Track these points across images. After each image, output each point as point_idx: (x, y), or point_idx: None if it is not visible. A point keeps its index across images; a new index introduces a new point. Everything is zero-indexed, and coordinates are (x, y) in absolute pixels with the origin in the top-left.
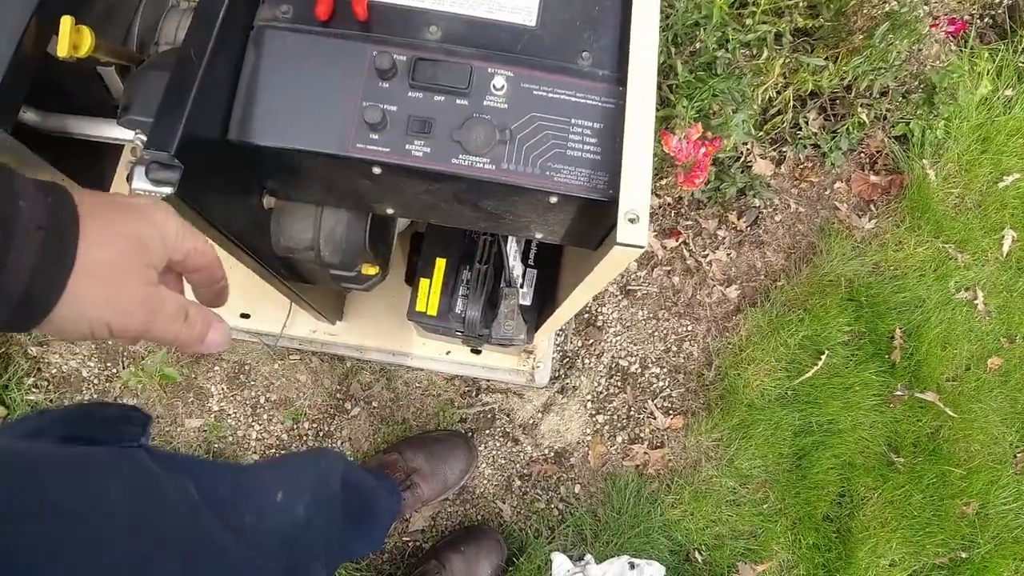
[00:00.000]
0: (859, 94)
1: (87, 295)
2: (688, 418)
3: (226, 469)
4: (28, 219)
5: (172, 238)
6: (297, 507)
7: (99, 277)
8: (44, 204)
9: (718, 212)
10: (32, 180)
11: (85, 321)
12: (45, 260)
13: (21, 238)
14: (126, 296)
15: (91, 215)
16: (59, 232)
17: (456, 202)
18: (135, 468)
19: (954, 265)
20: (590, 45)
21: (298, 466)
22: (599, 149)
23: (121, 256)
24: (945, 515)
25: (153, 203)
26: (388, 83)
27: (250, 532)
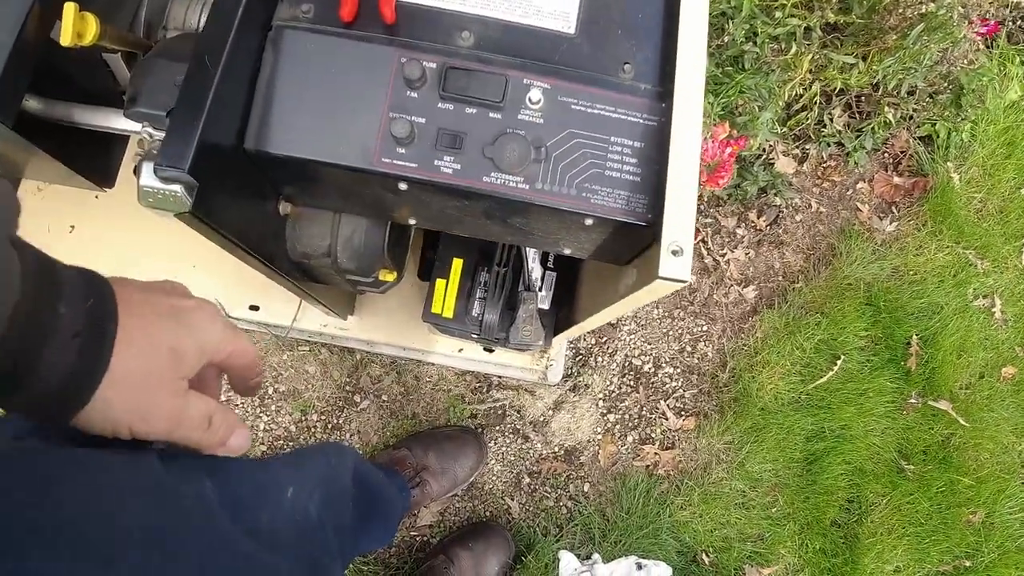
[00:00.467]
0: (886, 92)
1: (115, 402)
2: (700, 420)
3: (247, 467)
4: (66, 326)
5: (213, 344)
6: (308, 505)
7: (129, 387)
8: (83, 308)
9: (738, 210)
10: (73, 274)
11: (109, 424)
12: (78, 368)
13: (57, 347)
14: (153, 407)
15: (130, 316)
16: (96, 338)
17: (485, 217)
18: (150, 476)
19: (973, 272)
20: (632, 56)
21: (309, 462)
22: (639, 170)
23: (154, 368)
24: (951, 523)
25: (198, 306)
26: (416, 92)
27: (267, 533)
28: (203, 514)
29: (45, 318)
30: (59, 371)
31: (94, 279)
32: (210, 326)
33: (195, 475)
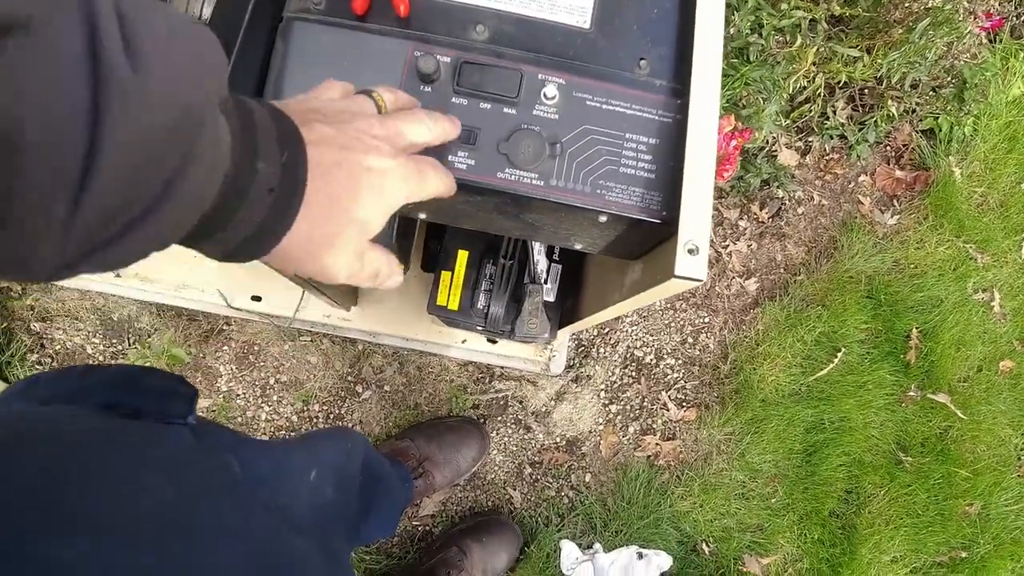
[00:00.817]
0: (890, 86)
1: (296, 255)
2: (701, 411)
3: (268, 447)
4: (263, 181)
5: (400, 203)
6: (326, 487)
7: (311, 243)
8: (278, 163)
9: (741, 202)
10: (269, 123)
11: (291, 270)
12: (266, 221)
13: (253, 201)
14: (331, 265)
15: (321, 177)
16: (287, 197)
17: (496, 213)
18: (180, 452)
19: (973, 266)
20: (648, 52)
21: (324, 446)
22: (654, 167)
23: (337, 232)
24: (948, 515)
25: (395, 167)
26: (430, 87)
27: (286, 511)
28: (232, 493)
29: (245, 178)
30: (250, 224)
31: (287, 127)
32: (399, 188)
33: (223, 451)
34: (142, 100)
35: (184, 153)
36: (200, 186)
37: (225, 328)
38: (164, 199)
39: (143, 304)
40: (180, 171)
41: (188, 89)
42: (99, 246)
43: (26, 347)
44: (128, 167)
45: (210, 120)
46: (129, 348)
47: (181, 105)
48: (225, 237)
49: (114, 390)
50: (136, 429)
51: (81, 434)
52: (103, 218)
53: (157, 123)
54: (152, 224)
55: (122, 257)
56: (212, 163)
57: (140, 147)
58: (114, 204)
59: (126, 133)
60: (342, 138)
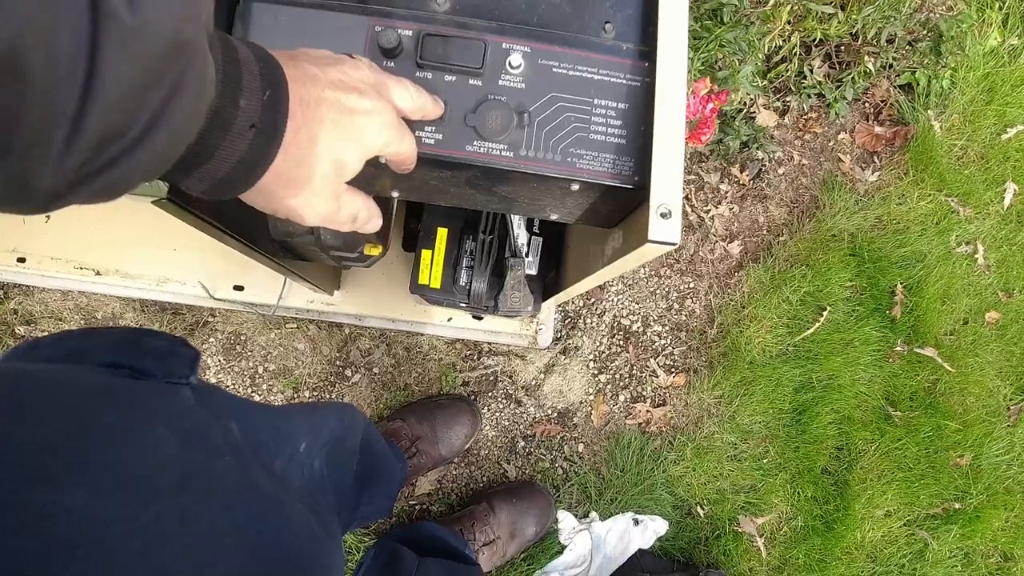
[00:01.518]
0: (866, 42)
1: (275, 193)
2: (690, 376)
3: (267, 412)
4: (244, 116)
5: (377, 150)
6: (315, 461)
7: (289, 183)
8: (260, 100)
9: (721, 165)
10: (252, 61)
11: (269, 209)
12: (246, 157)
13: (235, 135)
14: (308, 206)
15: (302, 114)
16: (268, 134)
17: (468, 187)
18: (183, 411)
19: (956, 219)
20: (613, 15)
21: (323, 418)
22: (624, 132)
23: (315, 173)
24: (940, 467)
25: (372, 109)
26: (393, 62)
27: (280, 479)
28: (232, 453)
29: (228, 112)
30: (231, 158)
31: (271, 65)
32: (379, 133)
33: (224, 414)
34: (137, 34)
35: (173, 84)
36: (187, 116)
37: (210, 320)
38: (154, 127)
39: (126, 301)
40: (169, 101)
41: (179, 21)
42: (92, 173)
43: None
44: (122, 96)
45: (200, 52)
46: None
47: (172, 37)
48: (208, 171)
49: (117, 351)
50: (140, 387)
51: (85, 388)
52: (98, 144)
53: (150, 54)
54: (142, 151)
55: (111, 185)
56: (198, 95)
57: (133, 78)
58: (108, 131)
59: (121, 65)
60: (326, 77)
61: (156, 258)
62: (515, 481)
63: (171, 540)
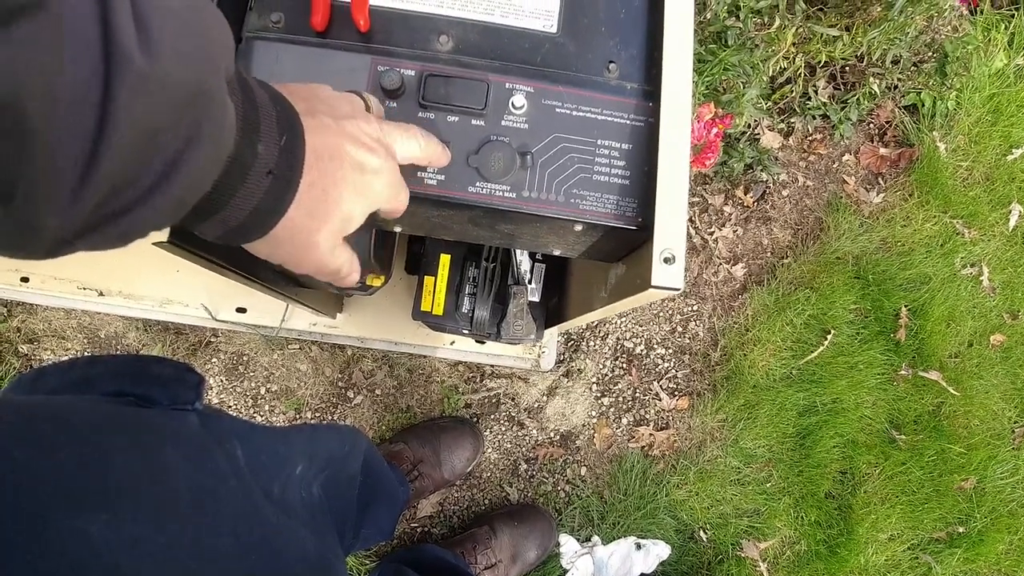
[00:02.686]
0: (871, 63)
1: (282, 242)
2: (693, 399)
3: (268, 435)
4: (262, 163)
5: (379, 206)
6: (313, 484)
7: (296, 233)
8: (277, 145)
9: (725, 187)
10: (269, 105)
11: (272, 257)
12: (263, 203)
13: (252, 182)
14: (307, 257)
15: (317, 166)
16: (284, 180)
17: (471, 224)
18: (189, 436)
19: (961, 241)
20: (617, 55)
21: (323, 441)
22: (627, 173)
23: (322, 225)
24: (944, 490)
25: (382, 168)
26: (395, 102)
27: (279, 502)
28: (236, 477)
29: (246, 159)
30: (247, 206)
31: (286, 109)
32: (383, 190)
33: (228, 438)
34: (152, 81)
35: (190, 133)
36: (204, 166)
37: (213, 340)
38: (169, 177)
39: (129, 320)
40: (185, 151)
41: (198, 69)
42: (100, 222)
43: (15, 369)
44: (136, 146)
45: (218, 101)
46: None
47: (190, 86)
48: (223, 217)
49: (122, 379)
50: (147, 414)
51: (95, 417)
52: (108, 195)
53: (166, 103)
54: (155, 202)
55: (121, 234)
56: (217, 143)
57: (148, 126)
58: (120, 182)
59: (135, 113)
60: (340, 131)
61: (159, 279)
62: (517, 504)
63: (183, 565)
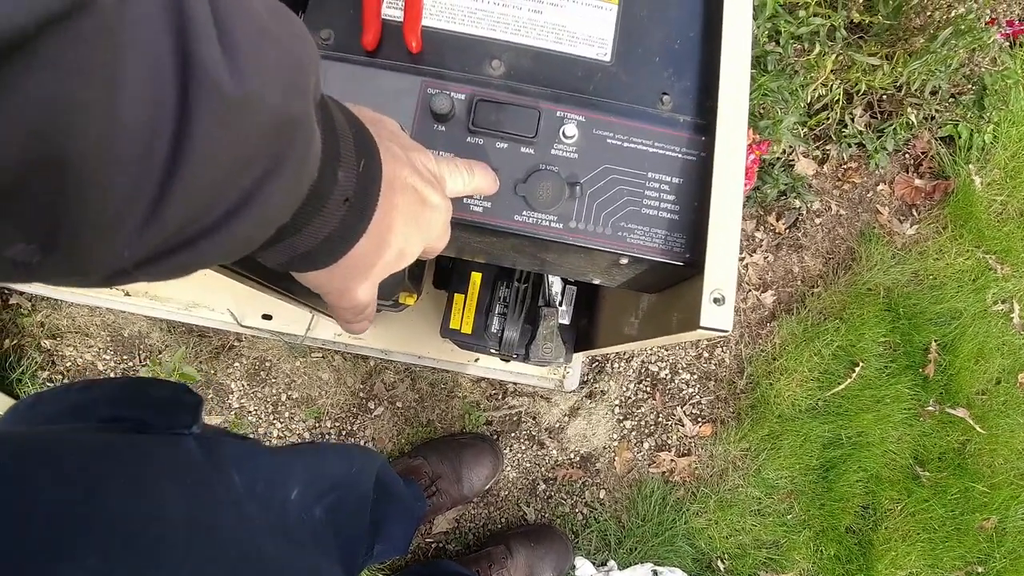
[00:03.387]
0: (909, 93)
1: (339, 275)
2: (717, 426)
3: (267, 459)
4: (340, 190)
5: (432, 242)
6: (315, 508)
7: (355, 266)
8: (356, 171)
9: (757, 213)
10: (347, 129)
11: (320, 289)
12: (336, 232)
13: (329, 210)
14: (356, 292)
15: (388, 197)
16: (360, 208)
17: (513, 252)
18: (187, 464)
19: (993, 276)
20: (671, 86)
21: (328, 463)
22: (677, 207)
23: (379, 261)
24: (965, 529)
25: (440, 206)
26: (444, 126)
27: (274, 530)
28: (235, 508)
29: (326, 186)
30: (319, 234)
31: (362, 132)
32: (438, 229)
33: (226, 464)
34: (240, 109)
35: (271, 164)
36: (283, 198)
37: (236, 344)
38: (242, 209)
39: (153, 321)
40: (264, 181)
41: (287, 93)
42: (163, 254)
43: (37, 364)
44: (212, 178)
45: (306, 128)
46: (140, 365)
47: (279, 113)
48: (292, 245)
49: (118, 404)
50: (143, 441)
51: (88, 449)
52: (176, 228)
53: (252, 132)
54: (225, 235)
55: (182, 267)
56: (298, 174)
57: (229, 160)
58: (190, 214)
59: (217, 147)
60: (408, 162)
61: (186, 282)
62: (534, 524)
63: None
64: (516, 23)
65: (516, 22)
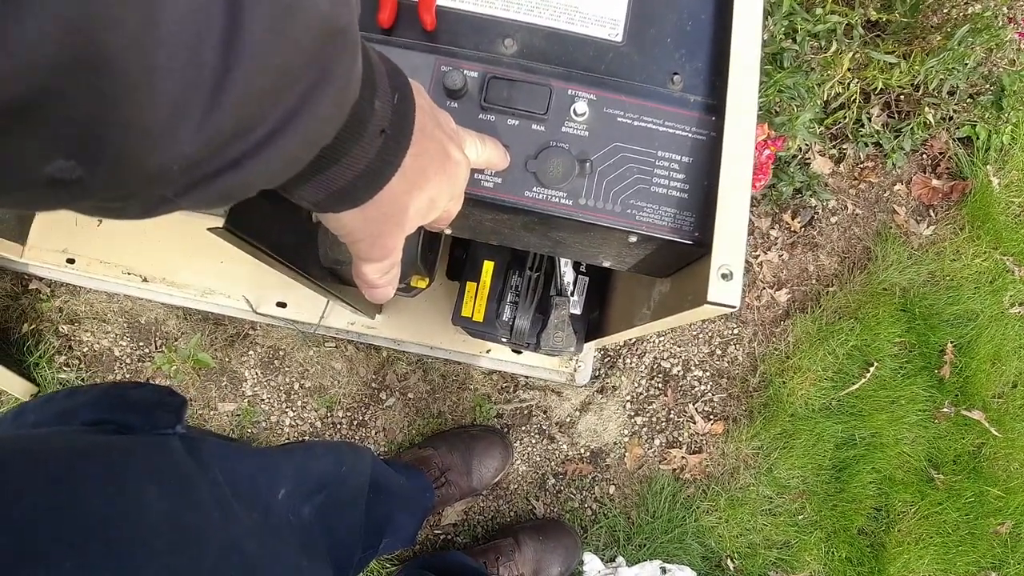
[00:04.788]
0: (927, 93)
1: (376, 213)
2: (729, 424)
3: (253, 459)
4: (377, 120)
5: (454, 203)
6: (303, 507)
7: (391, 205)
8: (391, 103)
9: (772, 211)
10: (379, 62)
11: (349, 235)
12: (375, 164)
13: (367, 139)
14: (387, 238)
15: (420, 139)
16: (396, 141)
17: (523, 230)
18: (170, 464)
19: (1010, 278)
20: (682, 66)
21: (315, 463)
22: (686, 186)
23: (409, 207)
24: (979, 533)
25: (463, 161)
26: (457, 103)
27: (259, 530)
28: (220, 508)
29: (364, 113)
30: (357, 166)
31: (395, 69)
32: (460, 184)
33: (211, 464)
34: (291, 14)
35: (318, 76)
36: (328, 113)
37: (251, 333)
38: (288, 125)
39: (169, 308)
40: (309, 95)
41: (337, 2)
42: (206, 178)
43: (54, 349)
44: (261, 85)
45: (352, 41)
46: (156, 352)
47: (328, 20)
48: (329, 178)
49: (101, 407)
50: (127, 443)
51: (70, 453)
52: (222, 143)
53: (303, 40)
54: (271, 152)
55: (226, 192)
56: (343, 89)
57: (279, 64)
58: (237, 126)
59: (267, 47)
60: (433, 114)
61: (203, 269)
62: (543, 518)
63: None
64: (529, 3)
65: (529, 2)
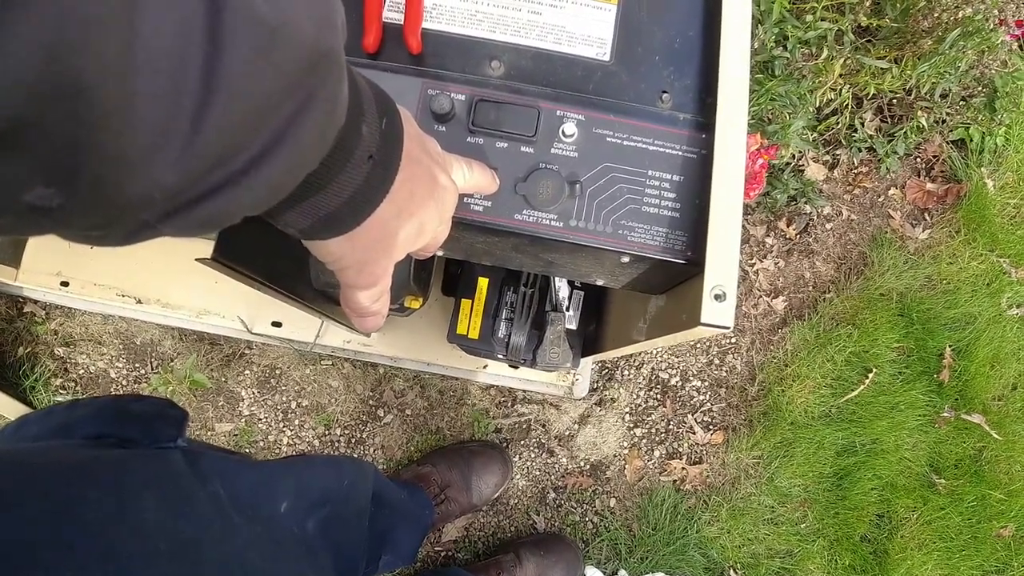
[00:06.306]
0: (919, 96)
1: (364, 240)
2: (728, 434)
3: (254, 472)
4: (364, 146)
5: (442, 231)
6: (306, 520)
7: (380, 231)
8: (379, 128)
9: (767, 218)
10: (367, 87)
11: (343, 260)
12: (362, 191)
13: (354, 165)
14: (373, 266)
15: (408, 165)
16: (384, 167)
17: (514, 252)
18: (169, 475)
19: (1007, 280)
20: (671, 85)
21: (317, 477)
22: (678, 205)
23: (398, 233)
24: (982, 538)
25: (451, 188)
26: (444, 126)
27: (260, 543)
28: (221, 521)
29: (351, 139)
30: (344, 192)
31: (382, 94)
32: (450, 210)
33: (212, 478)
34: (272, 34)
35: (305, 101)
36: (314, 140)
37: (246, 352)
38: (275, 149)
39: (165, 329)
40: (294, 120)
41: (320, 26)
42: (191, 203)
43: (50, 371)
44: (244, 112)
45: (337, 65)
46: (152, 373)
47: (312, 44)
48: (315, 204)
49: (101, 421)
50: (127, 456)
51: (70, 466)
52: (203, 171)
53: (287, 63)
54: (255, 179)
55: (208, 219)
56: (329, 114)
57: (263, 89)
58: (219, 153)
59: (250, 72)
60: (420, 139)
61: (197, 290)
62: (544, 533)
63: None
64: (516, 24)
65: (515, 23)
